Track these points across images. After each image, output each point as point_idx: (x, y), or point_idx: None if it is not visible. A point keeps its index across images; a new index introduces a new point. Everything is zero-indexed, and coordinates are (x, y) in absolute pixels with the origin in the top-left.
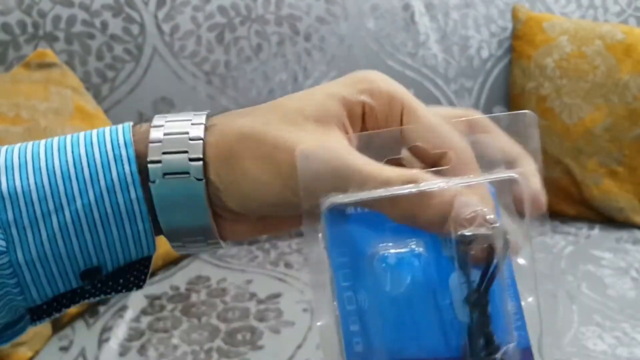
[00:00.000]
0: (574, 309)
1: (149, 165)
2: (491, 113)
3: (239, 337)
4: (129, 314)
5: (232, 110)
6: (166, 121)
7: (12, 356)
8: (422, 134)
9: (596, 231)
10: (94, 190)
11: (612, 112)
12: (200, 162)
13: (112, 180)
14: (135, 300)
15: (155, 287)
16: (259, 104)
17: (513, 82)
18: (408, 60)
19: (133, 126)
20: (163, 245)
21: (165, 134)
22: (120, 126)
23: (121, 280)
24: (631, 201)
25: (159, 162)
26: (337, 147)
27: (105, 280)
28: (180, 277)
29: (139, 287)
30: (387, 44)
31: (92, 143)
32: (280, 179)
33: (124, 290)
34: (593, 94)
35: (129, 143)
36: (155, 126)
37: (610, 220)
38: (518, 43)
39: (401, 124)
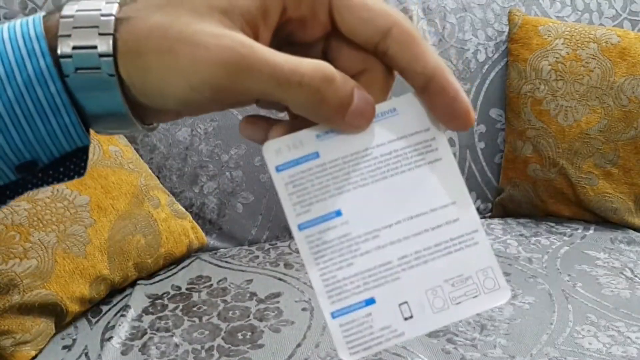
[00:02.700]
0: (569, 309)
1: (61, 60)
2: (488, 115)
3: (240, 336)
4: (131, 313)
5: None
6: (76, 11)
7: (15, 355)
8: (358, 13)
9: (591, 232)
10: (11, 87)
11: (607, 114)
12: (110, 58)
13: (28, 75)
14: (137, 299)
15: (156, 286)
16: None
17: (509, 85)
18: None
19: (44, 17)
20: (164, 245)
21: (74, 27)
22: (30, 18)
23: (61, 169)
24: (625, 202)
25: (70, 56)
26: (238, 36)
27: (44, 171)
28: (181, 277)
29: (80, 174)
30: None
31: (3, 39)
32: (180, 75)
33: (65, 179)
34: (588, 96)
35: (40, 36)
36: (64, 16)
37: (605, 221)
38: (514, 46)
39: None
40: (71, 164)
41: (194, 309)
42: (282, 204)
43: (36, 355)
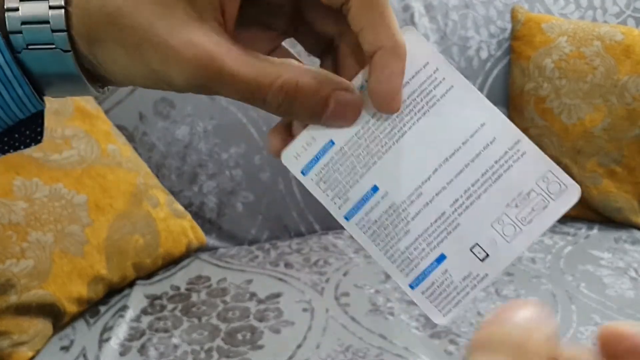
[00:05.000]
0: (573, 309)
1: (10, 36)
2: None
3: (239, 336)
4: (130, 314)
5: None
6: None
7: (12, 356)
8: None
9: (595, 231)
10: None
11: (611, 113)
12: (65, 34)
13: None
14: (136, 300)
15: (155, 287)
16: None
17: (512, 83)
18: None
19: None
20: (163, 245)
21: (21, 0)
22: None
23: (16, 136)
24: (630, 201)
25: (19, 32)
26: (207, 45)
27: None
28: (180, 277)
29: (37, 141)
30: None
31: None
32: (151, 74)
33: (22, 147)
34: (592, 94)
35: None
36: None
37: (609, 220)
38: (517, 44)
39: None
40: (26, 129)
41: (193, 309)
42: (321, 202)
43: (33, 357)
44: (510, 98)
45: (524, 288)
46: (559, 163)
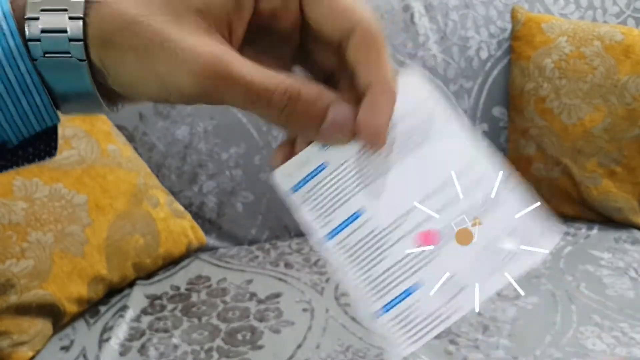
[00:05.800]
0: (572, 309)
1: (29, 43)
2: (491, 114)
3: (239, 336)
4: (130, 314)
5: None
6: None
7: (12, 356)
8: (322, 8)
9: (595, 231)
10: None
11: (610, 113)
12: (81, 43)
13: None
14: (136, 300)
15: (155, 287)
16: None
17: (512, 83)
18: (408, 61)
19: None
20: (163, 245)
21: (42, 10)
22: None
23: (31, 150)
24: (630, 201)
25: (38, 40)
26: (215, 49)
27: (13, 151)
28: (180, 277)
29: (52, 155)
30: (386, 44)
31: None
32: (157, 79)
33: (36, 160)
34: (592, 94)
35: (8, 15)
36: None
37: (609, 220)
38: (517, 44)
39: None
40: (41, 143)
41: (193, 309)
42: (304, 223)
43: (34, 356)
44: (510, 98)
45: (524, 288)
46: (559, 163)
